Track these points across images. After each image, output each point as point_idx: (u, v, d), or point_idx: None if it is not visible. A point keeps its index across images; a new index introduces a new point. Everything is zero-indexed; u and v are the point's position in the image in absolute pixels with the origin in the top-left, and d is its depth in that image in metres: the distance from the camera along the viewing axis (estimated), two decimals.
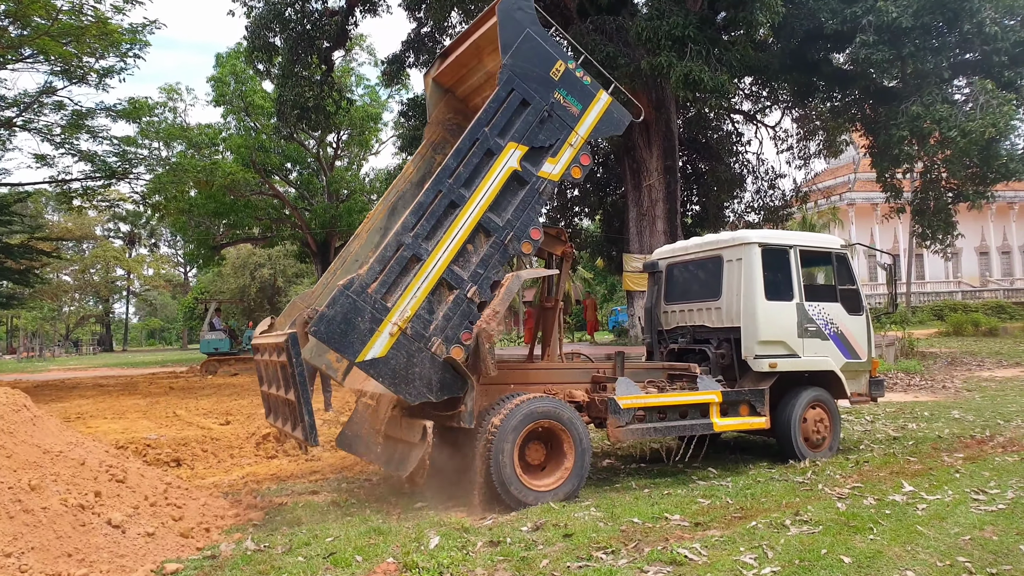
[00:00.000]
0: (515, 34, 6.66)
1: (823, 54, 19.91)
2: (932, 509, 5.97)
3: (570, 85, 6.76)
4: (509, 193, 6.49)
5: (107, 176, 21.85)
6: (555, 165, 6.67)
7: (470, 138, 6.46)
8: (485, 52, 7.41)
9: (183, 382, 21.53)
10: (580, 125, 6.77)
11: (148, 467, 6.93)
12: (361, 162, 43.07)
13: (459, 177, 6.32)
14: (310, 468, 8.49)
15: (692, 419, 7.40)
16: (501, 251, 6.39)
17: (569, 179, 6.88)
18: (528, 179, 6.55)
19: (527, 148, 6.56)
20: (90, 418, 12.32)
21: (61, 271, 68.38)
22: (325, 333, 5.70)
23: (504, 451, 6.24)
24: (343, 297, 5.80)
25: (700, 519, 5.84)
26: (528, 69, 6.64)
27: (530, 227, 6.52)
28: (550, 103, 6.67)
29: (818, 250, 8.61)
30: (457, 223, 6.25)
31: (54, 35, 16.61)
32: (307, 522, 6.13)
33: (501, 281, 6.40)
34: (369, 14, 24.74)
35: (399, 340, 5.91)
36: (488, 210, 6.37)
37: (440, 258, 6.15)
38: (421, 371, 5.97)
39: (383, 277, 5.97)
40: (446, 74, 8.14)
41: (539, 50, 6.70)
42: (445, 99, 8.28)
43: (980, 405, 12.33)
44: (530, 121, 6.60)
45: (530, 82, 6.63)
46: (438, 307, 6.14)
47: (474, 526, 5.77)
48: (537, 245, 6.72)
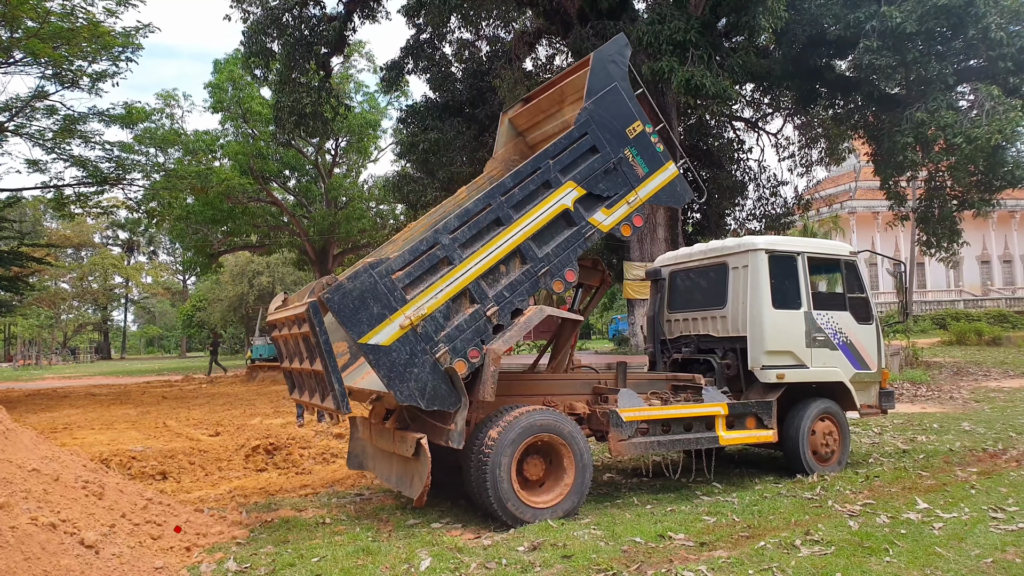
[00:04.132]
0: (603, 83, 6.86)
1: (825, 60, 19.71)
2: (949, 528, 5.68)
3: (642, 147, 6.90)
4: (555, 229, 6.51)
5: (99, 182, 21.57)
6: (607, 217, 6.71)
7: (533, 165, 6.54)
8: (567, 101, 7.53)
9: (177, 391, 21.24)
10: (642, 187, 6.86)
11: (129, 482, 6.64)
12: (360, 169, 42.86)
13: (512, 197, 6.34)
14: (300, 482, 8.20)
15: (697, 432, 7.12)
16: (532, 281, 6.34)
17: (617, 234, 6.84)
18: (577, 221, 6.58)
19: (584, 192, 6.62)
20: (77, 429, 12.02)
21: (59, 278, 68.10)
22: (338, 304, 5.56)
23: (501, 465, 5.97)
24: (366, 274, 5.70)
25: (705, 538, 5.55)
26: (606, 119, 6.79)
27: (567, 267, 6.51)
28: (619, 157, 6.78)
29: (827, 257, 8.33)
30: (497, 240, 6.22)
31: (44, 38, 16.38)
32: (293, 541, 5.85)
33: (524, 310, 6.29)
34: (368, 20, 24.55)
35: (407, 335, 5.76)
36: (530, 238, 6.36)
37: (471, 269, 6.08)
38: (419, 373, 5.78)
39: (410, 268, 5.88)
40: (523, 117, 8.38)
41: (621, 105, 6.88)
42: (515, 141, 8.49)
43: (990, 417, 12.04)
44: (595, 168, 6.69)
45: (605, 131, 6.77)
46: (454, 316, 6.02)
47: (468, 546, 5.48)
48: (569, 287, 6.69)
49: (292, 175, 40.37)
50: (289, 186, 40.75)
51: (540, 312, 6.31)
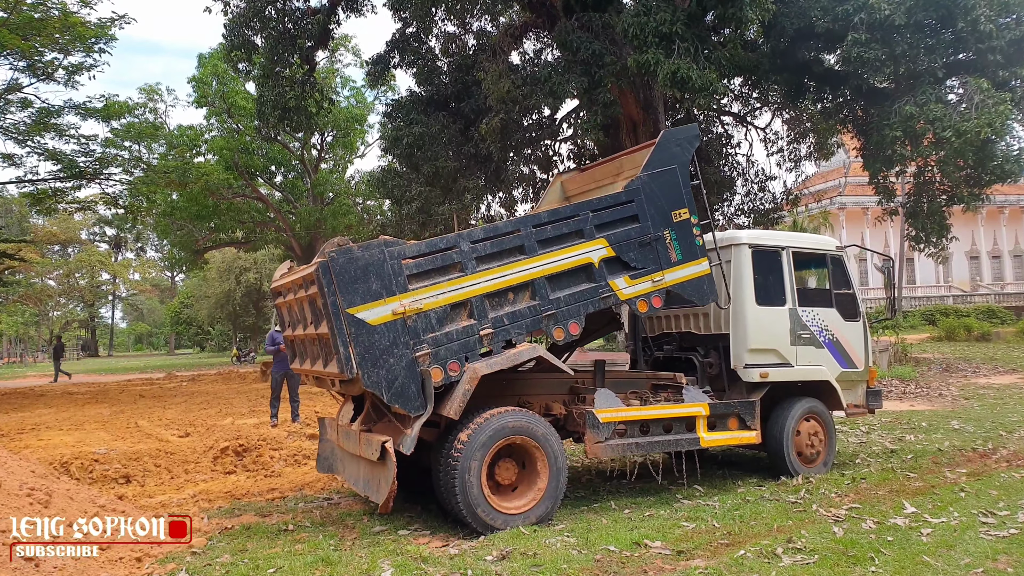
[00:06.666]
0: (664, 161, 6.91)
1: (814, 54, 19.45)
2: (938, 535, 5.45)
3: (683, 234, 6.86)
4: (573, 278, 6.43)
5: (74, 177, 21.09)
6: (628, 286, 6.62)
7: (573, 210, 6.58)
8: (623, 175, 7.52)
9: (156, 389, 20.86)
10: (671, 272, 6.78)
11: (81, 487, 6.34)
12: (346, 165, 42.38)
13: (542, 232, 6.30)
14: (268, 485, 7.89)
15: (677, 434, 6.86)
16: (534, 319, 6.20)
17: (632, 307, 6.72)
18: (598, 280, 6.49)
19: (613, 254, 6.57)
20: (45, 429, 11.66)
21: (45, 275, 67.35)
22: (341, 267, 5.48)
23: (471, 470, 5.71)
24: (378, 249, 5.64)
25: (683, 546, 5.30)
26: (656, 194, 6.79)
27: (573, 319, 6.36)
28: (657, 235, 6.75)
29: (812, 252, 8.10)
30: (514, 267, 6.14)
31: (13, 28, 15.91)
32: (252, 549, 5.56)
33: (516, 344, 6.07)
34: (353, 13, 24.11)
35: (395, 323, 5.62)
36: (547, 277, 6.26)
37: (480, 283, 5.98)
38: (394, 364, 5.59)
39: (422, 260, 5.81)
40: (575, 182, 8.60)
41: (675, 187, 6.89)
42: (561, 203, 8.50)
43: (980, 415, 11.85)
44: (631, 236, 6.66)
45: (651, 206, 6.76)
46: (448, 323, 5.89)
47: (434, 555, 5.21)
48: (570, 339, 6.49)
49: (278, 171, 39.89)
50: (275, 182, 40.27)
51: (532, 351, 6.11)
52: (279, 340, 11.63)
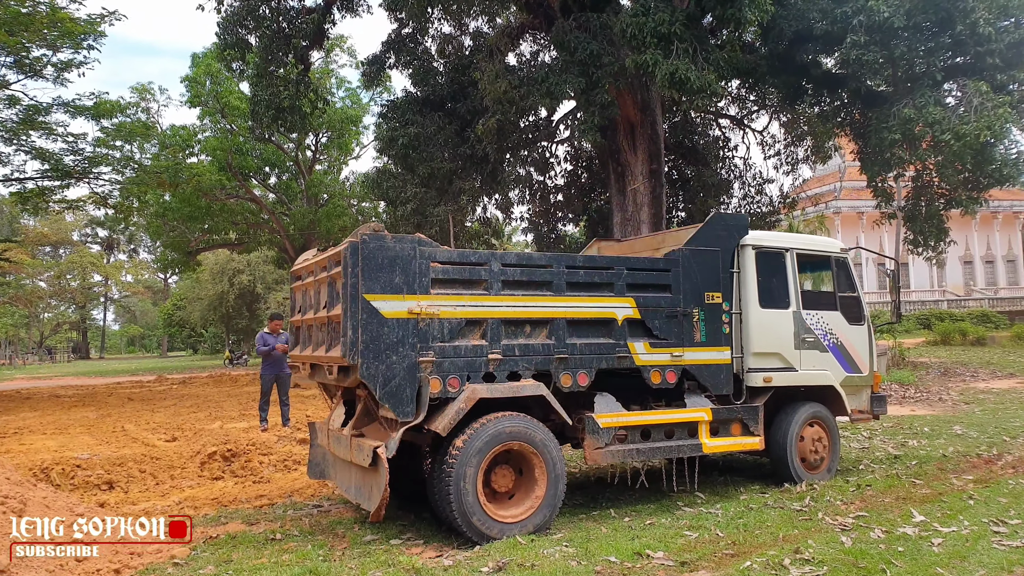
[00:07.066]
0: (709, 241, 6.92)
1: (812, 57, 19.34)
2: (950, 545, 5.26)
3: (711, 317, 6.81)
4: (594, 329, 6.31)
5: (62, 176, 20.75)
6: (646, 353, 6.49)
7: (608, 263, 6.56)
8: (662, 250, 7.40)
9: (146, 392, 20.55)
10: (691, 351, 6.70)
11: (60, 494, 6.10)
12: (341, 166, 42.07)
13: (573, 274, 6.23)
14: (257, 492, 7.66)
15: (679, 439, 6.68)
16: (545, 357, 6.05)
17: (645, 375, 6.51)
18: (617, 338, 6.36)
19: (639, 316, 6.45)
20: (28, 433, 11.37)
21: (36, 277, 66.80)
22: (370, 251, 5.42)
23: (466, 476, 5.50)
24: (410, 245, 5.57)
25: (687, 556, 5.09)
26: (694, 271, 6.76)
27: (582, 370, 6.21)
28: (686, 311, 6.69)
29: (817, 254, 7.91)
30: (536, 300, 6.05)
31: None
32: (237, 560, 5.33)
33: (522, 378, 5.94)
34: (348, 13, 23.88)
35: (408, 321, 5.51)
36: (567, 320, 6.14)
37: (500, 307, 5.89)
38: (395, 362, 5.45)
39: (450, 268, 5.75)
40: (613, 250, 8.66)
41: (714, 271, 6.88)
42: None
43: (982, 419, 11.68)
44: (660, 304, 6.58)
45: (687, 281, 6.72)
46: (460, 337, 5.75)
47: (427, 566, 4.99)
48: (576, 389, 6.22)
49: (272, 172, 39.54)
50: (269, 183, 39.93)
51: (536, 388, 5.88)
52: (270, 342, 11.43)
